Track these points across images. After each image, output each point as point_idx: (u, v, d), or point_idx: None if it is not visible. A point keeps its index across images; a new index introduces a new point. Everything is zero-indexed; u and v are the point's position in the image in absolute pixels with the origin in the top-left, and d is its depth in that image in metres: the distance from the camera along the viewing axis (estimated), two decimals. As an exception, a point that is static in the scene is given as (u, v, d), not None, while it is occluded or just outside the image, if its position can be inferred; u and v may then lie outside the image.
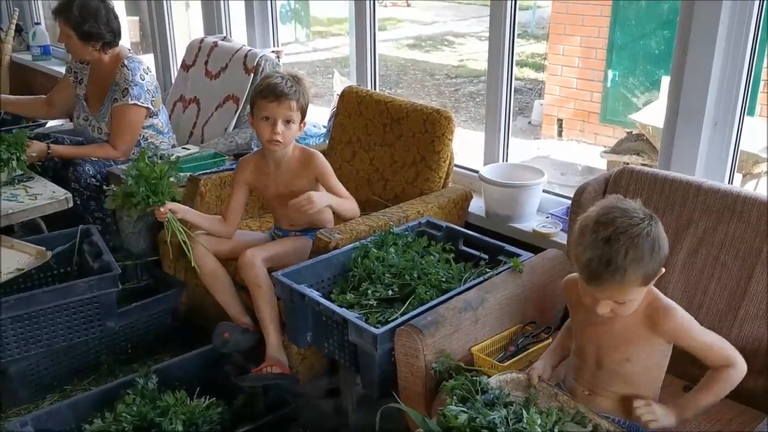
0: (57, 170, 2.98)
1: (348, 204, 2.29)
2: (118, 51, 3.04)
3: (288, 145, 2.24)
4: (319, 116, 3.60)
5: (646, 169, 1.96)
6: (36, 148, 2.83)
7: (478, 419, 1.40)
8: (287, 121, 2.17)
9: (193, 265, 2.22)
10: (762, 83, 4.41)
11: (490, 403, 1.47)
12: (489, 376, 1.60)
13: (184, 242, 2.19)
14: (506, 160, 2.72)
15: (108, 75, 3.02)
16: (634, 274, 1.34)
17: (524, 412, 1.41)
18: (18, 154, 2.64)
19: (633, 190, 1.92)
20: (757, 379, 1.65)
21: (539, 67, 6.92)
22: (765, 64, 4.40)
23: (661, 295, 1.49)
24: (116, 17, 3.02)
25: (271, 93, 2.14)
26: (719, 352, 1.46)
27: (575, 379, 1.60)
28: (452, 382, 1.57)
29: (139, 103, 2.94)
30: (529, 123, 6.17)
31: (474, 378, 1.57)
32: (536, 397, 1.53)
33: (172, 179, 2.19)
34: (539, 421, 1.38)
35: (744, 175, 3.75)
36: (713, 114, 2.02)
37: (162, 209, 2.15)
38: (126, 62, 2.96)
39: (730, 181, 2.10)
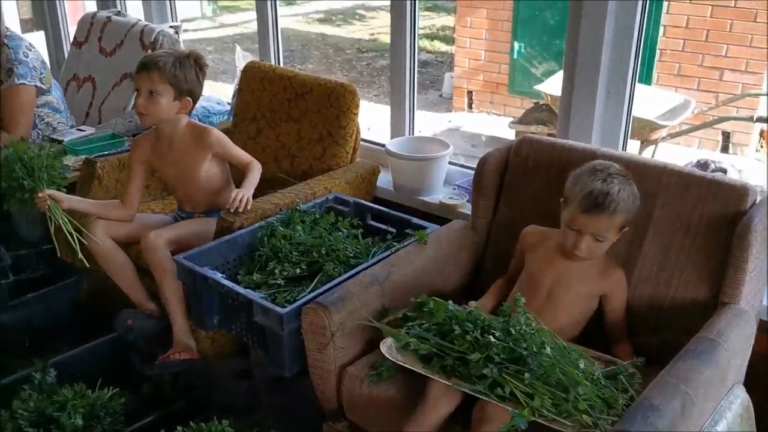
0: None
1: (256, 174, 2.21)
2: None
3: (156, 120, 2.16)
4: (226, 93, 3.50)
5: (545, 138, 2.00)
6: None
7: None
8: (151, 93, 2.10)
9: (80, 257, 2.11)
10: (658, 53, 4.59)
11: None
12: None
13: (70, 233, 2.07)
14: (412, 133, 2.73)
15: (-12, 57, 2.84)
16: (622, 210, 1.60)
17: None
18: None
19: (533, 159, 1.95)
20: (652, 338, 1.72)
21: (449, 40, 6.96)
22: (661, 34, 4.58)
23: None
24: None
25: (139, 65, 2.11)
26: (623, 324, 1.75)
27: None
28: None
29: (26, 83, 2.77)
30: (441, 96, 6.22)
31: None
32: None
33: (56, 165, 2.07)
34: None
35: (642, 142, 3.89)
36: (606, 82, 2.08)
37: (40, 194, 2.04)
38: (6, 41, 2.78)
39: (624, 147, 2.17)
